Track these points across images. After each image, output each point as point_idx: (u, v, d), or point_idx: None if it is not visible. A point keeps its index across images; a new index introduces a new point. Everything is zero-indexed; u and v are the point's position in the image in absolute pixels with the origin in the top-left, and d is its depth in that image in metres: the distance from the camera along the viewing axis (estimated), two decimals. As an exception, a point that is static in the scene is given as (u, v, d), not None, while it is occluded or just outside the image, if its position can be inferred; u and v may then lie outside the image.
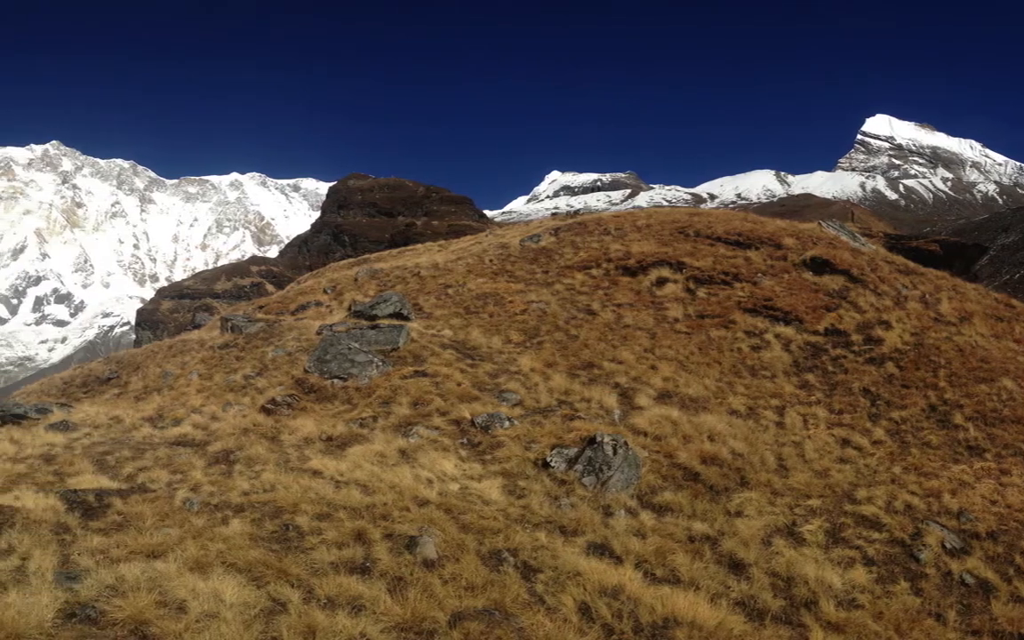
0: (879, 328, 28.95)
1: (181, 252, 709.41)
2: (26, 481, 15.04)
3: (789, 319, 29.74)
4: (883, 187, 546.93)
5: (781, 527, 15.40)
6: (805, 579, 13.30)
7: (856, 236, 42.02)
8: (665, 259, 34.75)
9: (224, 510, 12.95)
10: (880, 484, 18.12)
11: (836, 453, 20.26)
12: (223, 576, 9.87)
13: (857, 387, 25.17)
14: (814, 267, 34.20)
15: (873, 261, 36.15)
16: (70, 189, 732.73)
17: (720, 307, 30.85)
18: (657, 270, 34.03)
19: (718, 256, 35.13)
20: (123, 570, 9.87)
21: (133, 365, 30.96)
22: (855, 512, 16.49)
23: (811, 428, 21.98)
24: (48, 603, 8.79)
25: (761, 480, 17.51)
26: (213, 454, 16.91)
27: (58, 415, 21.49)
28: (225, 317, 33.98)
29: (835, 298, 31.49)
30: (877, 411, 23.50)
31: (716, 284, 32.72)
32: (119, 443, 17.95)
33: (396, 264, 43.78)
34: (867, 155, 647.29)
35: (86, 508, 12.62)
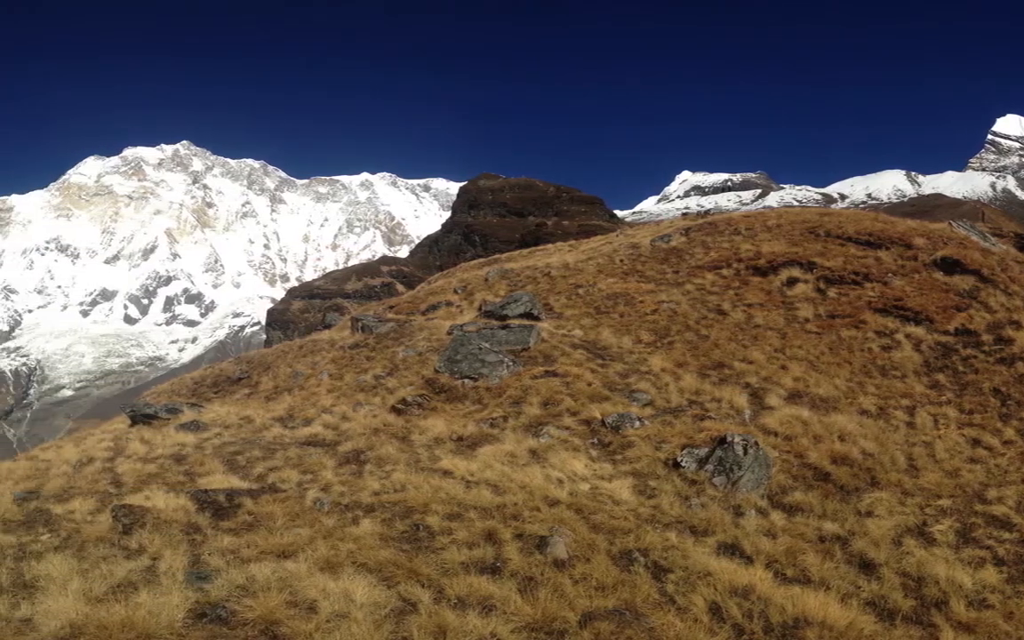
0: (1010, 328, 28.75)
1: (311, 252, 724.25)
2: (157, 481, 15.66)
3: (919, 319, 29.79)
4: (1013, 187, 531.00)
5: (911, 527, 15.24)
6: (935, 579, 13.09)
7: (986, 236, 41.44)
8: (795, 259, 35.17)
9: (355, 510, 13.28)
10: (1011, 484, 17.93)
11: (966, 453, 20.05)
12: (353, 576, 10.12)
13: (987, 387, 24.98)
14: (944, 267, 34.18)
15: (1004, 261, 35.95)
16: (200, 189, 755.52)
17: (850, 307, 31.10)
18: (787, 270, 34.47)
19: (848, 256, 35.43)
20: (254, 570, 10.23)
21: (263, 365, 31.88)
22: (985, 512, 16.26)
23: (941, 428, 21.79)
24: (178, 603, 9.14)
25: (891, 480, 17.41)
26: (344, 454, 17.33)
27: (188, 415, 22.25)
28: (355, 317, 34.77)
29: (965, 298, 31.45)
30: (1008, 411, 23.22)
31: (846, 284, 33.00)
32: (250, 443, 18.51)
33: (527, 264, 44.68)
34: (997, 155, 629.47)
35: (216, 508, 13.04)
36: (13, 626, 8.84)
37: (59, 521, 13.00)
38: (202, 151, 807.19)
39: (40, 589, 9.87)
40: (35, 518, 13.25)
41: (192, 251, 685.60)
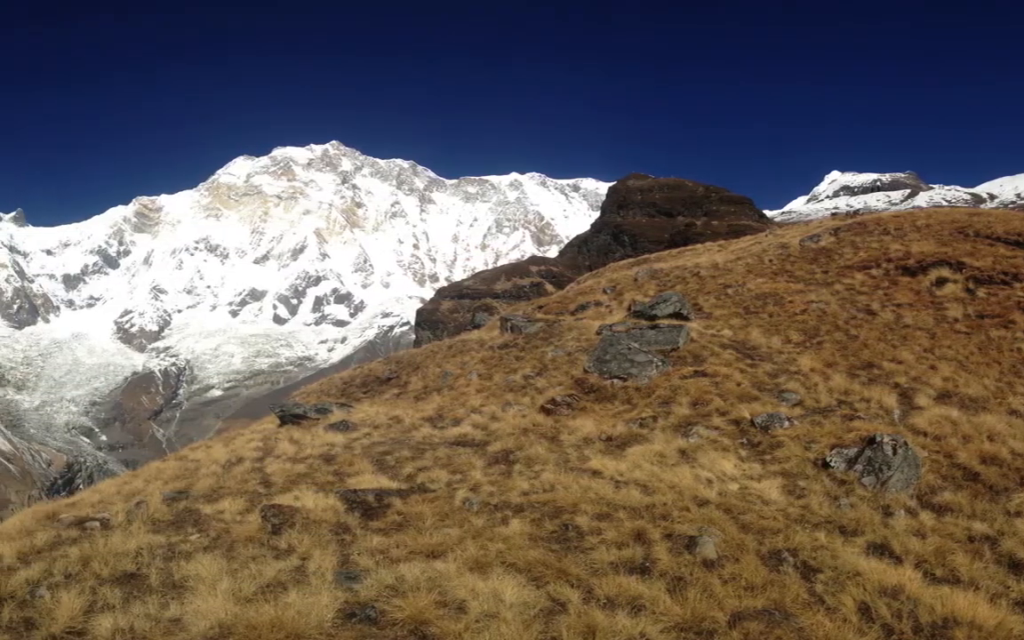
0: None
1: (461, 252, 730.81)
2: (306, 481, 15.97)
3: (1070, 320, 29.39)
4: None
5: (1061, 527, 14.83)
6: (1086, 580, 12.69)
7: None
8: (944, 259, 35.26)
9: (503, 510, 13.44)
10: None
11: (1118, 454, 19.35)
12: (502, 576, 10.23)
13: None
14: (1096, 268, 33.85)
15: None
16: (350, 189, 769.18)
17: (1000, 307, 30.98)
18: (936, 270, 34.60)
19: (998, 256, 35.44)
20: (403, 570, 10.38)
21: (412, 365, 32.34)
22: None
23: (1092, 429, 21.02)
24: (328, 603, 9.30)
25: (1040, 479, 17.02)
26: (492, 454, 17.57)
27: (338, 415, 22.65)
28: (505, 317, 35.20)
29: (1118, 299, 30.96)
30: None
31: (995, 284, 32.93)
32: (398, 443, 18.78)
33: (675, 264, 45.21)
34: None
35: (366, 508, 13.27)
36: (162, 626, 9.08)
37: (208, 521, 13.32)
38: (351, 151, 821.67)
39: (189, 589, 10.14)
40: (184, 518, 13.59)
41: (341, 251, 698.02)
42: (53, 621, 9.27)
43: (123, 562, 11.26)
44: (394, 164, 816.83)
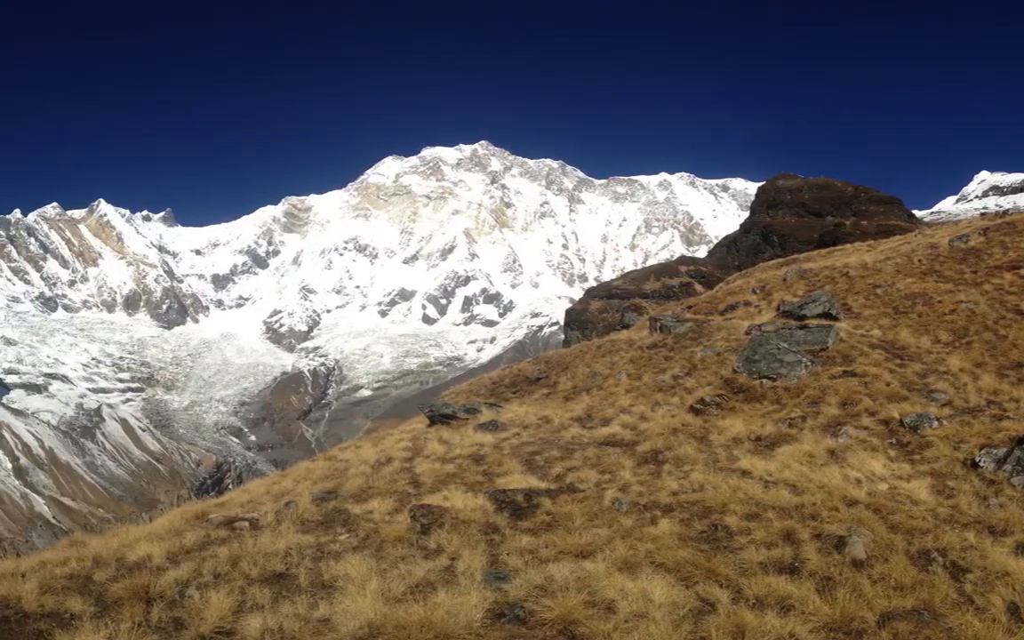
0: None
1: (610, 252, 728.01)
2: (455, 481, 16.19)
3: None
4: None
5: None
6: None
7: None
8: None
9: (653, 510, 13.51)
10: None
11: None
12: (651, 576, 10.29)
13: None
14: None
15: None
16: (499, 189, 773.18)
17: None
18: None
19: None
20: (552, 570, 10.47)
21: (562, 365, 32.50)
22: None
23: None
24: (477, 603, 9.42)
25: None
26: (642, 454, 17.62)
27: (487, 415, 22.86)
28: (654, 317, 35.37)
29: None
30: None
31: None
32: (548, 443, 18.91)
33: (824, 264, 45.30)
34: None
35: (515, 508, 13.39)
36: (311, 626, 9.30)
37: (357, 521, 13.57)
38: (500, 151, 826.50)
39: (338, 589, 10.36)
40: (333, 518, 13.88)
41: (490, 251, 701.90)
42: (202, 621, 9.54)
43: (272, 562, 11.55)
44: (543, 164, 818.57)
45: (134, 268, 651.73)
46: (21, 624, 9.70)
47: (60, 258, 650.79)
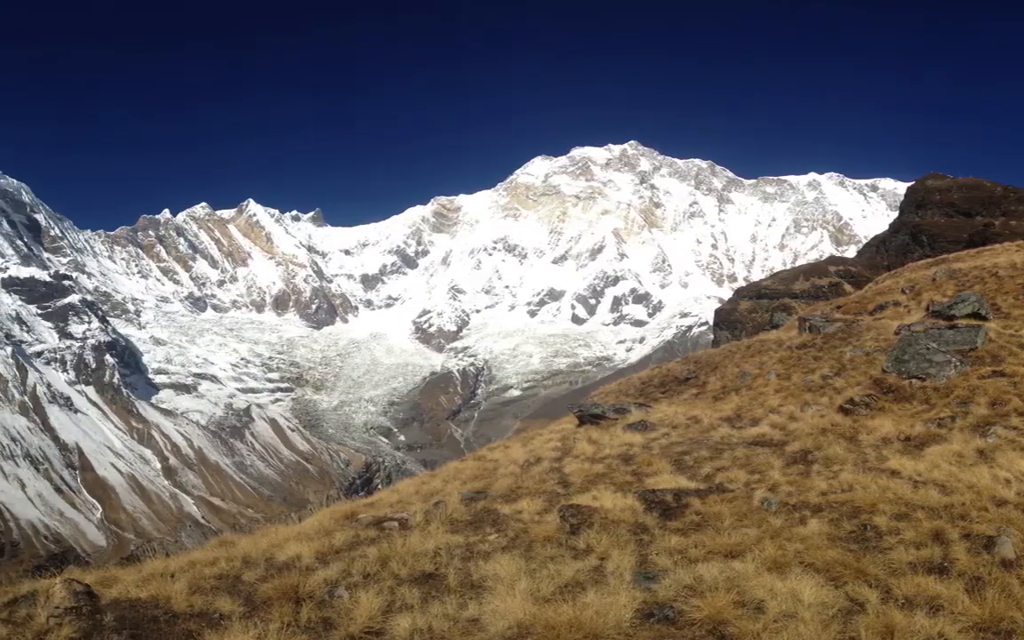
0: None
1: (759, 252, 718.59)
2: (604, 481, 16.24)
3: None
4: None
5: None
6: None
7: None
8: None
9: (801, 510, 13.39)
10: None
11: None
12: (800, 576, 10.21)
13: None
14: None
15: None
16: (648, 189, 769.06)
17: None
18: None
19: None
20: (701, 570, 10.45)
21: (711, 365, 32.41)
22: None
23: None
24: (626, 603, 9.42)
25: None
26: (791, 454, 17.52)
27: (636, 415, 22.89)
28: (803, 317, 35.30)
29: None
30: None
31: None
32: (697, 443, 18.86)
33: (973, 264, 44.63)
34: None
35: (664, 508, 13.38)
36: (460, 626, 9.41)
37: (506, 521, 13.69)
38: (649, 151, 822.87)
39: (488, 589, 10.46)
40: (483, 518, 14.02)
41: (639, 251, 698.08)
42: (351, 621, 9.72)
43: (421, 562, 11.71)
44: (692, 164, 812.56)
45: (283, 268, 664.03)
46: (170, 624, 10.00)
47: (209, 258, 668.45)
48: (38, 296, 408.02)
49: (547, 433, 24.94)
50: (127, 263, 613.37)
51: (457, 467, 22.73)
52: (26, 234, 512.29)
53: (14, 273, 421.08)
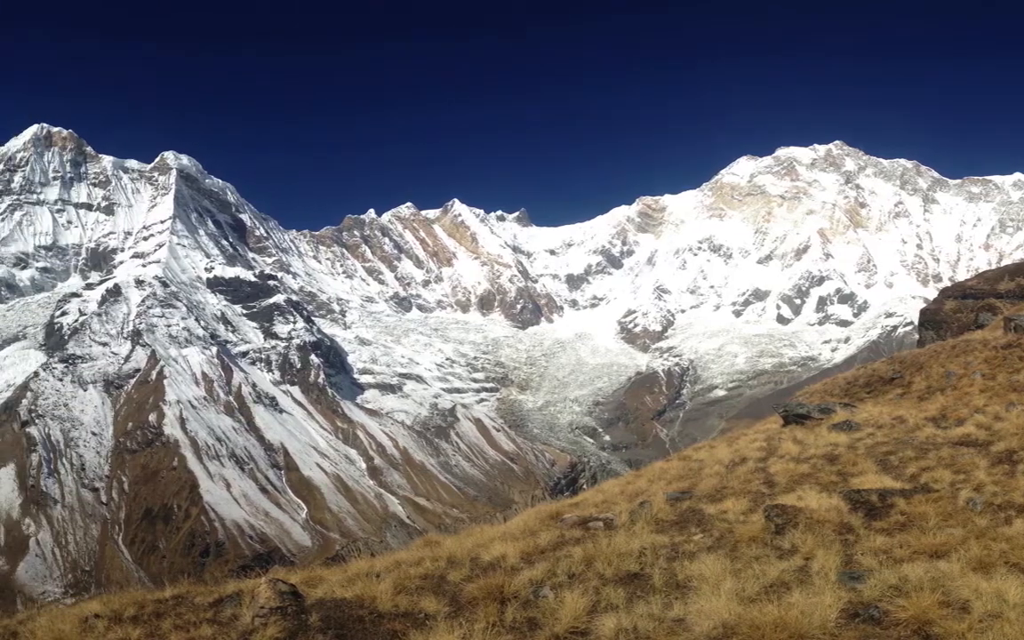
0: None
1: (964, 252, 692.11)
2: (809, 481, 16.03)
3: None
4: None
5: None
6: None
7: None
8: None
9: (1007, 510, 12.94)
10: None
11: None
12: (1006, 576, 9.87)
13: None
14: None
15: None
16: (853, 189, 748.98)
17: None
18: None
19: None
20: (906, 570, 10.20)
21: (916, 365, 31.67)
22: None
23: None
24: (831, 603, 9.29)
25: None
26: (996, 454, 16.94)
27: (841, 415, 22.53)
28: (1008, 317, 34.52)
29: None
30: None
31: None
32: (901, 443, 18.44)
33: None
34: None
35: (869, 508, 13.12)
36: (666, 626, 9.43)
37: (711, 521, 13.66)
38: (855, 151, 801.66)
39: (692, 589, 10.47)
40: (688, 518, 14.01)
41: (844, 251, 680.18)
42: (556, 621, 9.81)
43: (626, 562, 11.76)
44: (897, 164, 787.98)
45: (488, 268, 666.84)
46: (375, 624, 10.25)
47: (414, 258, 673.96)
48: (243, 296, 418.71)
49: (752, 433, 24.78)
50: (332, 263, 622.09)
51: (662, 467, 22.76)
52: (231, 234, 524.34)
53: (219, 273, 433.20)
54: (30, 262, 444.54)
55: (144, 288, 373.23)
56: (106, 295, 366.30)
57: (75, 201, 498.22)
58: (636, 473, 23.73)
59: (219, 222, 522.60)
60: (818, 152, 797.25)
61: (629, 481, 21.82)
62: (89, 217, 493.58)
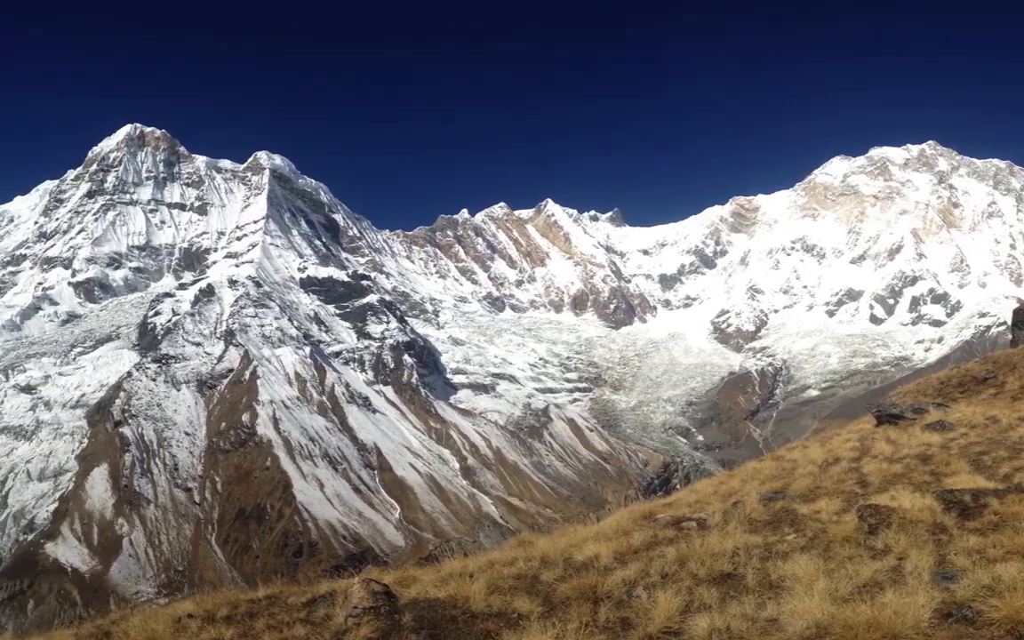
0: None
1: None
2: (902, 481, 15.87)
3: None
4: None
5: None
6: None
7: None
8: None
9: None
10: None
11: None
12: None
13: None
14: None
15: None
16: (946, 189, 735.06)
17: None
18: None
19: None
20: (999, 570, 9.99)
21: (1009, 365, 31.19)
22: None
23: None
24: (924, 603, 9.17)
25: None
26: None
27: (934, 415, 22.26)
28: None
29: None
30: None
31: None
32: (995, 443, 18.21)
33: None
34: None
35: (962, 508, 12.89)
36: (759, 626, 9.41)
37: (804, 521, 13.58)
38: (948, 151, 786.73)
39: (786, 589, 10.41)
40: (781, 518, 13.95)
41: (937, 251, 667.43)
42: (649, 621, 9.80)
43: (719, 562, 11.74)
44: (990, 164, 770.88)
45: (581, 268, 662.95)
46: (469, 624, 10.30)
47: (507, 258, 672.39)
48: (336, 296, 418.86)
49: (845, 433, 24.57)
50: (425, 263, 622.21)
51: (755, 467, 22.67)
52: (324, 234, 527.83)
53: (312, 273, 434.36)
54: (123, 262, 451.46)
55: (237, 288, 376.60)
56: (199, 295, 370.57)
57: (168, 201, 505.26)
58: (729, 473, 23.67)
59: (312, 222, 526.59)
60: (911, 152, 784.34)
61: (722, 481, 21.78)
62: (182, 217, 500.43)
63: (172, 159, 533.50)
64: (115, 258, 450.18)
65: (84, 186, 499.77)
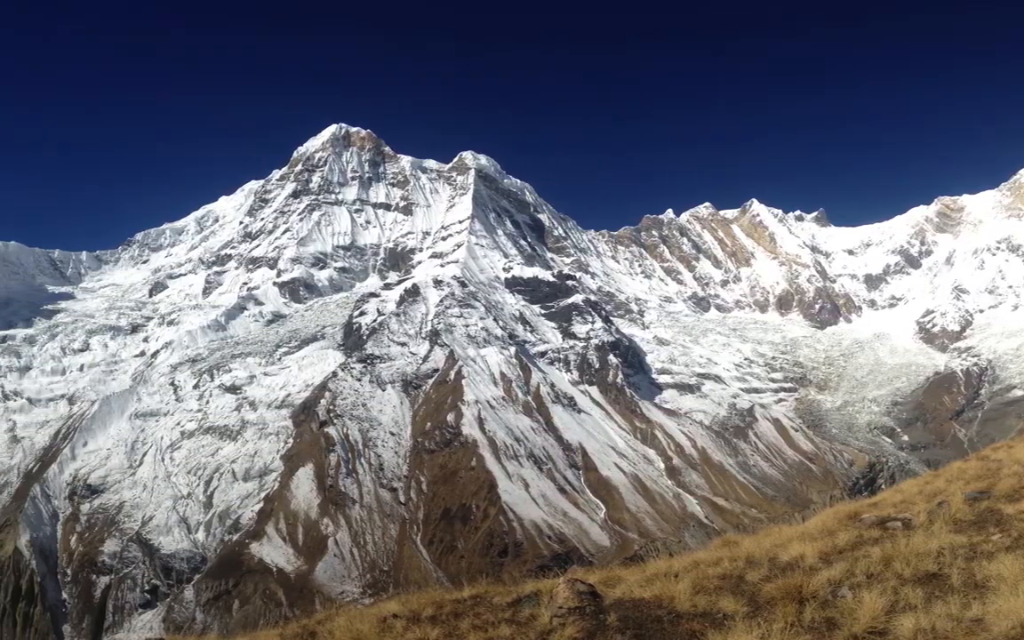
0: None
1: None
2: None
3: None
4: None
5: None
6: None
7: None
8: None
9: None
10: None
11: None
12: None
13: None
14: None
15: None
16: None
17: None
18: None
19: None
20: None
21: None
22: None
23: None
24: None
25: None
26: None
27: None
28: None
29: None
30: None
31: None
32: None
33: None
34: None
35: None
36: (964, 626, 9.19)
37: (1010, 521, 13.17)
38: None
39: (991, 589, 10.13)
40: (986, 518, 13.54)
41: None
42: (855, 621, 9.69)
43: (924, 562, 11.49)
44: None
45: (787, 268, 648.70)
46: (674, 624, 10.32)
47: (712, 258, 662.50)
48: (541, 296, 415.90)
49: (1053, 433, 23.62)
50: (630, 263, 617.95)
51: (960, 467, 22.01)
52: (529, 234, 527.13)
53: (518, 273, 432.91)
54: (328, 262, 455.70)
55: (442, 288, 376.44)
56: (404, 295, 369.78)
57: (373, 201, 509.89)
58: (934, 473, 23.07)
59: (517, 222, 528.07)
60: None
61: (927, 481, 21.22)
62: (387, 217, 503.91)
63: (377, 159, 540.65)
64: (320, 258, 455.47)
65: (289, 186, 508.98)
